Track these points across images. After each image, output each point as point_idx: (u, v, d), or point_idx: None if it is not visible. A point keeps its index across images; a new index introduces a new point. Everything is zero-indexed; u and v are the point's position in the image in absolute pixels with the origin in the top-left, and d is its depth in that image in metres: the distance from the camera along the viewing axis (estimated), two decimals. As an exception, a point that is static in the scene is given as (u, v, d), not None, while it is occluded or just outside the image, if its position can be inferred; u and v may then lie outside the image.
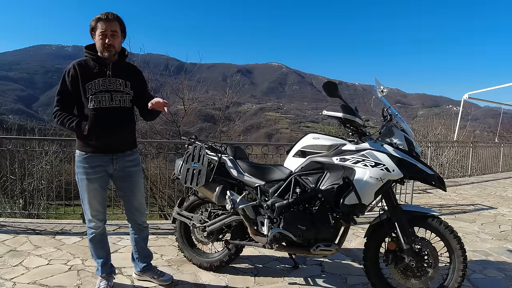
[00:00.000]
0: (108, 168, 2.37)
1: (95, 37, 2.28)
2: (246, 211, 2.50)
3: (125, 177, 2.44)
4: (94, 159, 2.32)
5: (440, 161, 11.41)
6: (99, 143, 2.29)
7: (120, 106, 2.33)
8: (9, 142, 4.58)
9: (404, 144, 2.35)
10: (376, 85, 2.47)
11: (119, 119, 2.34)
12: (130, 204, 2.52)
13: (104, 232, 2.50)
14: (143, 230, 2.61)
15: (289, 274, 2.90)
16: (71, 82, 2.26)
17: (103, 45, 2.26)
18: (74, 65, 2.28)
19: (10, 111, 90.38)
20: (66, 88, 2.28)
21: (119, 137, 2.36)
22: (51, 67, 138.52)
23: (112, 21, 2.26)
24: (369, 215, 3.50)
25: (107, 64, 2.30)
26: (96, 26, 2.26)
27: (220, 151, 2.71)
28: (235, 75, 17.29)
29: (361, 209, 2.31)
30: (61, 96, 2.29)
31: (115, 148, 2.36)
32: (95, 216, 2.40)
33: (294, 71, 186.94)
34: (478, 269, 3.10)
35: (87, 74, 2.27)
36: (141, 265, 2.64)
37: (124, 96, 2.36)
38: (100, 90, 2.27)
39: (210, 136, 16.21)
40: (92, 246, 2.47)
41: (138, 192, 2.51)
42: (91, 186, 2.34)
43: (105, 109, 2.28)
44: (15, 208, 7.31)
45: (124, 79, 2.36)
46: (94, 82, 2.26)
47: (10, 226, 3.85)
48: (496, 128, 18.73)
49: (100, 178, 2.36)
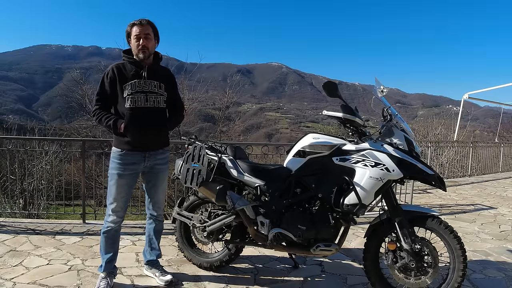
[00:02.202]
0: (140, 166, 2.50)
1: (131, 41, 2.44)
2: (246, 211, 2.50)
3: (153, 173, 2.58)
4: (128, 157, 2.45)
5: (440, 161, 11.41)
6: (135, 141, 2.41)
7: (154, 106, 2.46)
8: (9, 142, 4.58)
9: (404, 144, 2.35)
10: (376, 85, 2.47)
11: (154, 119, 2.47)
12: (151, 197, 2.67)
13: (119, 229, 2.59)
14: (158, 222, 2.73)
15: (289, 274, 2.90)
16: (109, 83, 2.43)
17: (137, 46, 2.40)
18: (113, 68, 2.44)
19: (10, 111, 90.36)
20: (105, 89, 2.45)
21: (153, 136, 2.49)
22: (51, 67, 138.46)
23: (145, 25, 2.42)
24: (369, 215, 3.51)
25: (143, 67, 2.44)
26: (131, 31, 2.43)
27: (220, 151, 2.71)
28: (235, 75, 17.30)
29: (361, 209, 2.31)
30: (100, 96, 2.46)
31: (149, 146, 2.49)
32: (116, 212, 2.50)
33: (294, 71, 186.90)
34: (478, 269, 3.10)
35: (124, 76, 2.42)
36: (148, 257, 2.74)
37: (158, 97, 2.49)
38: (136, 91, 2.41)
39: (210, 136, 16.21)
40: (103, 240, 2.53)
41: (161, 187, 2.68)
42: (121, 182, 2.46)
43: (140, 109, 2.41)
44: (15, 208, 7.30)
45: (158, 81, 2.49)
46: (130, 84, 2.40)
47: (10, 226, 3.85)
48: (496, 128, 18.74)
49: (131, 176, 2.49)
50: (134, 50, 2.43)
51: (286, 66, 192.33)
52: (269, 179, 2.55)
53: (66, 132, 14.57)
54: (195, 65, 16.00)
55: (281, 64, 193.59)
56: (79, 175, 7.49)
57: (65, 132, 14.79)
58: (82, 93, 14.20)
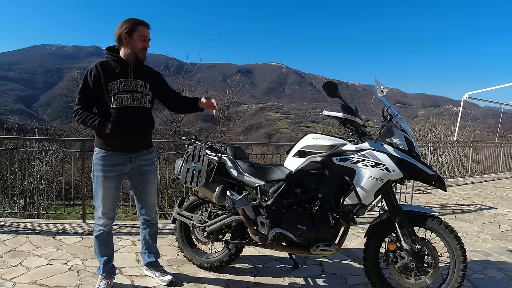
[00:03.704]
0: (125, 167, 2.45)
1: (132, 38, 2.34)
2: (246, 211, 2.50)
3: (141, 175, 2.53)
4: (114, 158, 2.39)
5: (440, 161, 11.41)
6: (120, 141, 2.36)
7: (140, 106, 2.42)
8: (9, 142, 4.58)
9: (404, 144, 2.35)
10: (376, 85, 2.47)
11: (140, 119, 2.43)
12: (143, 201, 2.62)
13: (111, 231, 2.55)
14: (152, 226, 2.69)
15: (289, 274, 2.90)
16: (94, 81, 2.31)
17: (141, 47, 2.37)
18: (97, 65, 2.34)
19: (10, 111, 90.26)
20: (88, 87, 2.33)
21: (138, 136, 2.45)
22: (51, 67, 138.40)
23: (149, 28, 2.41)
24: (369, 215, 3.51)
25: (128, 66, 2.38)
26: (136, 29, 2.34)
27: (220, 151, 2.71)
28: (235, 75, 17.30)
29: (361, 209, 2.31)
30: (82, 95, 2.35)
31: (134, 147, 2.44)
32: (105, 214, 2.46)
33: (294, 71, 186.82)
34: (478, 269, 3.10)
35: (109, 74, 2.33)
36: (147, 259, 2.73)
37: (144, 97, 2.44)
38: (122, 90, 2.34)
39: (210, 136, 16.23)
40: (97, 243, 2.50)
41: (151, 190, 2.62)
42: (107, 184, 2.39)
43: (127, 108, 2.35)
44: (15, 208, 7.31)
45: (143, 81, 2.45)
46: (116, 82, 2.33)
47: (10, 226, 3.85)
48: (496, 128, 18.75)
49: (117, 177, 2.43)
50: (136, 49, 2.36)
51: (286, 66, 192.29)
52: (269, 179, 2.55)
53: (66, 132, 14.56)
54: (195, 65, 16.01)
55: (281, 64, 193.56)
56: (79, 175, 7.49)
57: (65, 132, 14.78)
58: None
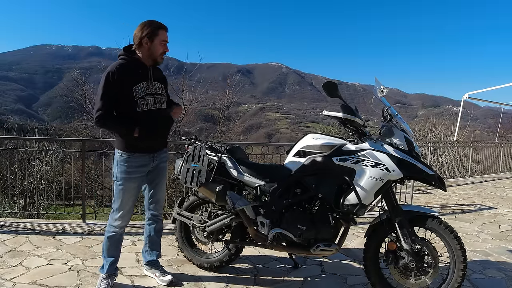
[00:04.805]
0: (148, 167, 2.49)
1: (154, 43, 2.34)
2: (246, 211, 2.50)
3: (157, 172, 2.58)
4: (138, 159, 2.42)
5: (440, 161, 11.42)
6: (145, 143, 2.39)
7: (161, 108, 2.46)
8: (9, 142, 4.58)
9: (404, 144, 2.35)
10: (376, 85, 2.47)
11: (162, 121, 2.48)
12: (154, 196, 2.65)
13: (123, 233, 2.58)
14: (158, 221, 2.71)
15: (289, 274, 2.90)
16: (115, 85, 2.26)
17: (162, 52, 2.39)
18: (117, 67, 2.28)
19: (10, 111, 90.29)
20: (110, 91, 2.27)
21: (161, 137, 2.52)
22: (51, 67, 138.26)
23: (167, 31, 2.41)
24: (369, 215, 3.51)
25: (147, 68, 2.40)
26: (157, 33, 2.34)
27: (220, 151, 2.71)
28: (235, 75, 17.31)
29: (361, 209, 2.31)
30: (104, 100, 2.26)
31: (156, 147, 2.50)
32: (124, 217, 2.48)
33: (294, 71, 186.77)
34: (478, 269, 3.10)
35: (132, 77, 2.32)
36: (148, 258, 2.73)
37: (163, 99, 2.50)
38: (146, 93, 2.36)
39: (210, 136, 16.22)
40: (108, 244, 2.51)
41: (162, 185, 2.68)
42: (131, 185, 2.43)
43: (151, 111, 2.38)
44: (15, 208, 7.31)
45: (160, 83, 2.50)
46: (139, 86, 2.34)
47: (10, 226, 3.85)
48: (496, 128, 18.75)
49: (140, 178, 2.48)
50: (156, 53, 2.36)
51: (286, 66, 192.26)
52: (269, 179, 2.55)
53: (66, 132, 14.58)
54: (195, 65, 16.03)
55: (281, 64, 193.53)
56: (79, 175, 7.49)
57: (65, 132, 14.80)
58: (82, 93, 14.23)
